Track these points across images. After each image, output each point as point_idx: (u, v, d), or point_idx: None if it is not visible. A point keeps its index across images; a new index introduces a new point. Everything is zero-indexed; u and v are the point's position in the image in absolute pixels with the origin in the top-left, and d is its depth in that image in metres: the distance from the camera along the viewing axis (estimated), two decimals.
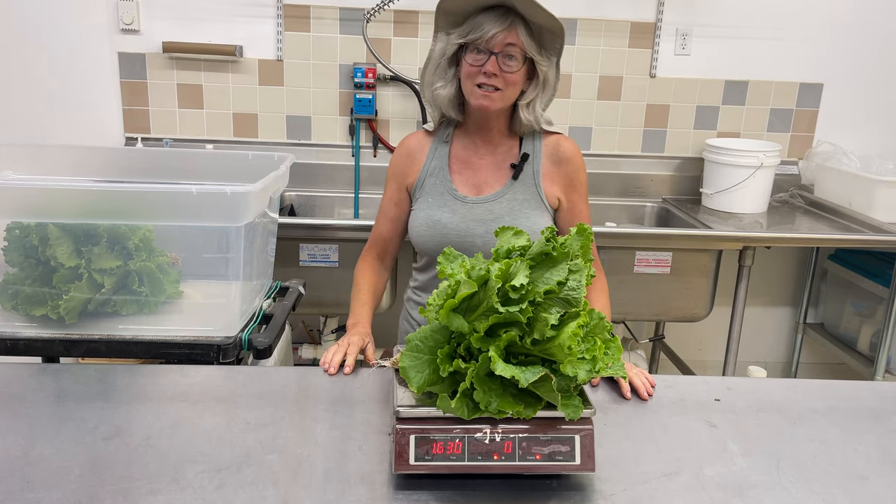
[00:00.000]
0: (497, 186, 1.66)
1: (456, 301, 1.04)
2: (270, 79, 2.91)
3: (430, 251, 1.67)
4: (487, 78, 1.52)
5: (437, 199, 1.66)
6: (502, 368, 0.97)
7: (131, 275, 1.51)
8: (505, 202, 1.64)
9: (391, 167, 1.74)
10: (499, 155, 1.68)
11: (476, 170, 1.68)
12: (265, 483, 1.03)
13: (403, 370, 1.05)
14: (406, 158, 1.72)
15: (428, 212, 1.66)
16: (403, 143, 1.75)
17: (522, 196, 1.64)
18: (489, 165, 1.67)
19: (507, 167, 1.67)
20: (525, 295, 1.01)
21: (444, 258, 1.13)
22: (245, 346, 1.50)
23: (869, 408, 1.31)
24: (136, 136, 2.92)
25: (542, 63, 1.56)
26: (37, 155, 1.89)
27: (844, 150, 2.89)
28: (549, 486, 1.04)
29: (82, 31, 2.79)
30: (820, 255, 3.18)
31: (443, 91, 1.62)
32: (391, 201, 1.73)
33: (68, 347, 1.47)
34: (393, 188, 1.73)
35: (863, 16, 3.00)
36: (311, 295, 1.93)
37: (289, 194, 2.92)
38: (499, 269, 1.03)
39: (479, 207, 1.64)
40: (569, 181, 1.67)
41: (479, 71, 1.52)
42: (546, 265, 1.05)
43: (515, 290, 1.01)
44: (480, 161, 1.68)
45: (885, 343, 2.74)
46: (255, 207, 1.51)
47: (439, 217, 1.64)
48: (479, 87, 1.54)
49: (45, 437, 1.12)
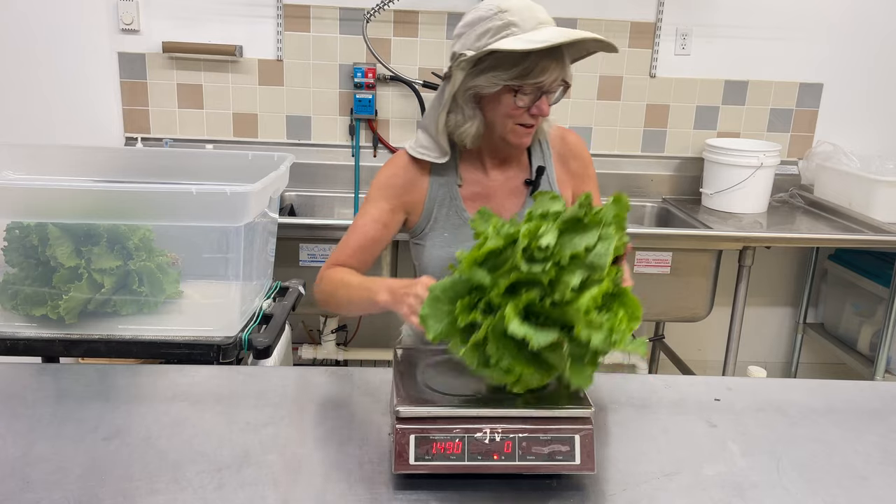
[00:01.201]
0: (515, 208, 1.53)
1: (480, 255, 1.02)
2: (270, 79, 2.91)
3: None
4: (535, 119, 1.41)
5: (455, 234, 1.51)
6: (516, 327, 0.95)
7: (131, 275, 1.51)
8: None
9: (385, 184, 1.51)
10: (510, 173, 1.55)
11: (489, 195, 1.54)
12: (265, 483, 1.03)
13: (423, 318, 1.04)
14: (406, 178, 1.51)
15: (447, 249, 1.51)
16: (401, 163, 1.53)
17: None
18: (501, 188, 1.54)
19: (521, 184, 1.54)
20: (550, 256, 0.98)
21: (480, 217, 1.10)
22: (245, 346, 1.50)
23: (869, 408, 1.31)
24: (136, 136, 2.92)
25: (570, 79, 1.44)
26: (37, 155, 1.90)
27: (844, 150, 2.89)
28: (549, 486, 1.04)
29: (82, 31, 2.79)
30: (820, 255, 3.18)
31: (469, 129, 1.44)
32: (375, 221, 1.50)
33: (68, 347, 1.47)
34: (384, 208, 1.50)
35: (863, 16, 3.00)
36: (311, 295, 1.93)
37: (289, 194, 2.92)
38: (527, 229, 1.01)
39: None
40: (579, 178, 1.59)
41: (525, 112, 1.40)
42: (577, 230, 1.01)
43: (541, 250, 0.98)
44: (492, 184, 1.54)
45: (885, 343, 2.74)
46: (255, 207, 1.51)
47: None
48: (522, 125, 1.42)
49: (45, 437, 1.12)
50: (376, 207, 1.51)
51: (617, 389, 1.33)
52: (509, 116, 1.41)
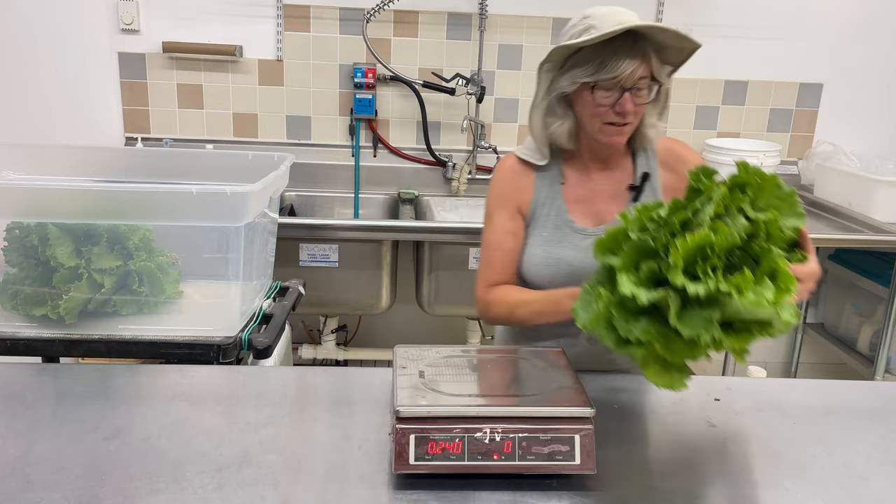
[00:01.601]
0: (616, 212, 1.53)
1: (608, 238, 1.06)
2: (270, 79, 2.91)
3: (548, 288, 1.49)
4: (622, 117, 1.41)
5: (554, 234, 1.51)
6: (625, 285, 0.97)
7: (131, 275, 1.51)
8: None
9: (497, 194, 1.55)
10: (615, 177, 1.54)
11: (592, 198, 1.53)
12: (265, 483, 1.03)
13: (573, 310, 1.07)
14: (514, 183, 1.54)
15: (546, 248, 1.51)
16: (505, 169, 1.57)
17: None
18: (606, 191, 1.53)
19: (625, 189, 1.52)
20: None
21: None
22: (245, 346, 1.50)
23: (869, 408, 1.31)
24: (136, 136, 2.92)
25: (668, 83, 1.46)
26: (37, 155, 1.89)
27: (844, 150, 2.89)
28: (549, 485, 1.04)
29: (82, 31, 2.79)
30: (820, 255, 3.17)
31: (561, 129, 1.48)
32: (505, 232, 1.53)
33: (68, 347, 1.47)
34: (503, 218, 1.53)
35: (863, 16, 3.00)
36: (311, 295, 1.93)
37: (289, 194, 2.92)
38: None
39: None
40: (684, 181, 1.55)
41: (611, 110, 1.40)
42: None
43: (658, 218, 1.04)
44: (595, 187, 1.54)
45: (885, 343, 2.74)
46: (255, 207, 1.51)
47: (561, 254, 1.49)
48: (610, 123, 1.42)
49: (45, 437, 1.12)
50: (500, 219, 1.54)
51: (617, 389, 1.33)
52: (595, 115, 1.43)
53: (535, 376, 1.15)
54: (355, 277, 2.54)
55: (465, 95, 2.88)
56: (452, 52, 2.91)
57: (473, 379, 1.17)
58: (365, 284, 2.55)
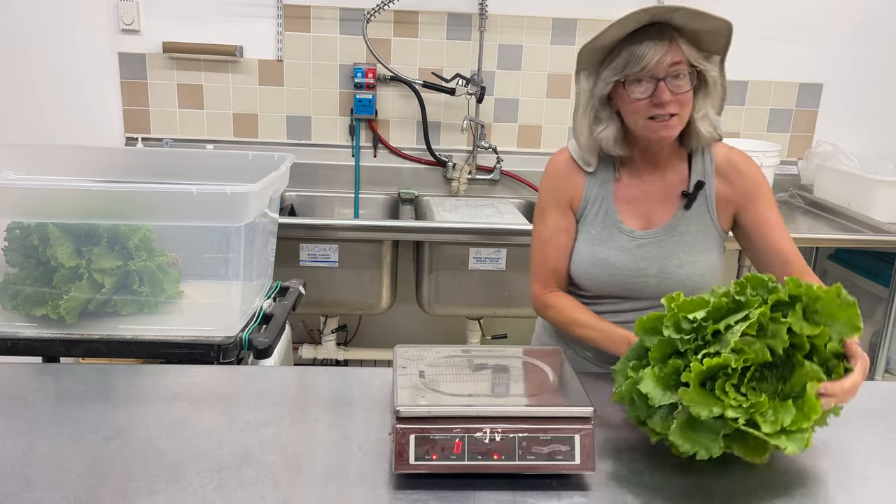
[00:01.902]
0: (667, 217, 1.48)
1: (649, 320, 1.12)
2: (270, 79, 2.91)
3: (596, 289, 1.51)
4: (662, 108, 1.36)
5: (602, 233, 1.50)
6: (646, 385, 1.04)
7: (131, 275, 1.51)
8: (678, 235, 1.47)
9: (547, 191, 1.55)
10: (668, 180, 1.50)
11: (643, 199, 1.50)
12: (265, 483, 1.03)
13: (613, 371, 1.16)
14: (566, 179, 1.53)
15: (592, 247, 1.50)
16: (557, 164, 1.55)
17: (696, 227, 1.47)
18: (658, 193, 1.50)
19: (677, 194, 1.49)
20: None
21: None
22: (245, 346, 1.50)
23: (869, 408, 1.31)
24: (136, 137, 2.92)
25: (710, 69, 1.41)
26: (37, 155, 1.89)
27: (844, 150, 2.89)
28: (549, 485, 1.04)
29: (82, 32, 2.79)
30: (819, 255, 3.18)
31: (606, 133, 1.45)
32: (558, 229, 1.52)
33: (68, 347, 1.47)
34: (556, 215, 1.53)
35: (863, 16, 3.00)
36: (311, 295, 1.93)
37: (289, 194, 2.92)
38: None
39: (649, 243, 1.47)
40: (746, 194, 1.48)
41: (650, 103, 1.36)
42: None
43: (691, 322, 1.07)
44: (648, 188, 1.51)
45: (885, 343, 2.74)
46: (256, 207, 1.51)
47: (606, 255, 1.48)
48: (653, 118, 1.38)
49: (45, 437, 1.12)
50: (552, 216, 1.54)
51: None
52: (636, 112, 1.39)
53: (535, 376, 1.15)
54: (355, 277, 2.54)
55: (465, 95, 2.88)
56: (452, 52, 2.91)
57: (473, 379, 1.17)
58: (365, 284, 2.55)
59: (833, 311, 1.05)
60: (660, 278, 1.46)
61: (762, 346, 1.02)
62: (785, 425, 0.98)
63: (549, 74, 2.96)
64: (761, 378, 1.04)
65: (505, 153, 2.99)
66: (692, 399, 0.99)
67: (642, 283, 1.47)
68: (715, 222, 1.49)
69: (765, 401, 1.00)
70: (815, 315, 1.06)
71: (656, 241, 1.48)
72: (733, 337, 1.01)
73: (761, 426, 0.98)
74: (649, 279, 1.47)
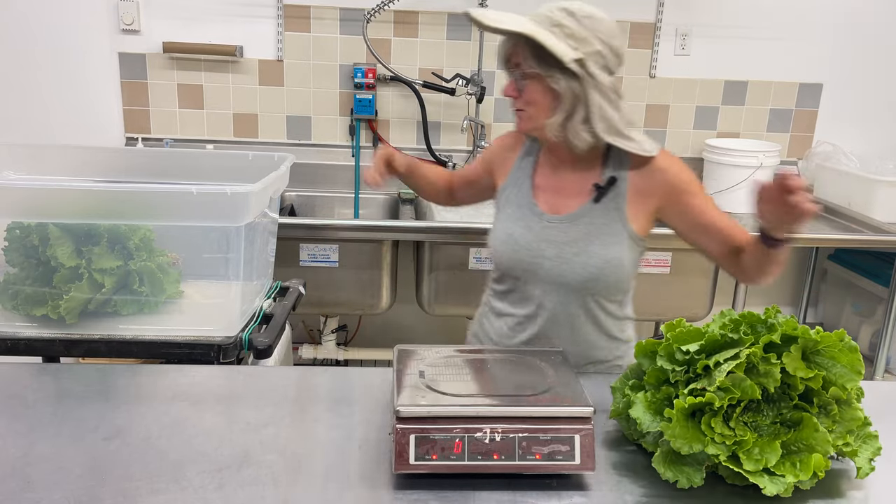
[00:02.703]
0: (575, 207, 1.51)
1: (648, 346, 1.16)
2: (270, 79, 2.91)
3: (502, 266, 1.57)
4: (513, 101, 1.47)
5: (516, 212, 1.56)
6: (636, 410, 1.08)
7: (132, 274, 1.52)
8: (581, 225, 1.49)
9: (489, 151, 1.70)
10: (582, 172, 1.52)
11: (558, 188, 1.54)
12: (265, 483, 1.03)
13: (613, 388, 1.20)
14: (504, 152, 1.64)
15: (505, 224, 1.57)
16: (506, 136, 1.68)
17: (602, 220, 1.48)
18: (572, 184, 1.53)
19: (590, 187, 1.50)
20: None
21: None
22: (245, 346, 1.50)
23: (869, 408, 1.30)
24: (136, 137, 2.92)
25: (551, 78, 1.40)
26: (37, 155, 1.90)
27: (844, 150, 2.89)
28: (548, 485, 1.04)
29: (82, 32, 2.79)
30: (819, 255, 3.18)
31: None
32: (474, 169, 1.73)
33: (68, 347, 1.47)
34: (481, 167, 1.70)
35: (863, 16, 3.00)
36: (311, 295, 1.93)
37: (289, 194, 2.92)
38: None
39: (553, 227, 1.51)
40: (669, 189, 1.48)
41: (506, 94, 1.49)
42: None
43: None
44: (563, 178, 1.54)
45: (885, 343, 2.74)
46: (256, 207, 1.52)
47: (512, 231, 1.54)
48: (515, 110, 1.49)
49: (45, 437, 1.12)
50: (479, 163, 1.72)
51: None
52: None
53: (535, 376, 1.15)
54: (355, 277, 2.54)
55: (465, 95, 2.88)
56: (452, 52, 2.91)
57: (473, 379, 1.17)
58: (365, 284, 2.55)
59: (834, 355, 1.07)
60: (555, 262, 1.49)
61: (752, 385, 1.03)
62: (769, 465, 0.99)
63: None
64: (757, 410, 1.06)
65: None
66: (675, 434, 1.01)
67: (538, 264, 1.51)
68: (624, 219, 1.48)
69: (749, 439, 1.01)
70: (817, 357, 1.08)
71: (561, 227, 1.51)
72: (720, 375, 1.02)
73: (743, 463, 1.00)
74: (545, 261, 1.50)
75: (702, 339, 1.09)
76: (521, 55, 1.42)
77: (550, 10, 1.40)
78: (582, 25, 1.38)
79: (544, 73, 1.40)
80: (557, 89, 1.40)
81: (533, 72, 1.41)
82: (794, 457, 1.02)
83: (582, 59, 1.37)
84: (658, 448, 1.06)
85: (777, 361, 1.04)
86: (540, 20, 1.39)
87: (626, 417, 1.14)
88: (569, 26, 1.38)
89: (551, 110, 1.43)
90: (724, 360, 1.04)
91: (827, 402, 1.07)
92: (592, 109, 1.40)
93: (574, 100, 1.41)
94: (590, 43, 1.38)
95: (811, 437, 1.02)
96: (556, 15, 1.39)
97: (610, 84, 1.42)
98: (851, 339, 1.08)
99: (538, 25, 1.38)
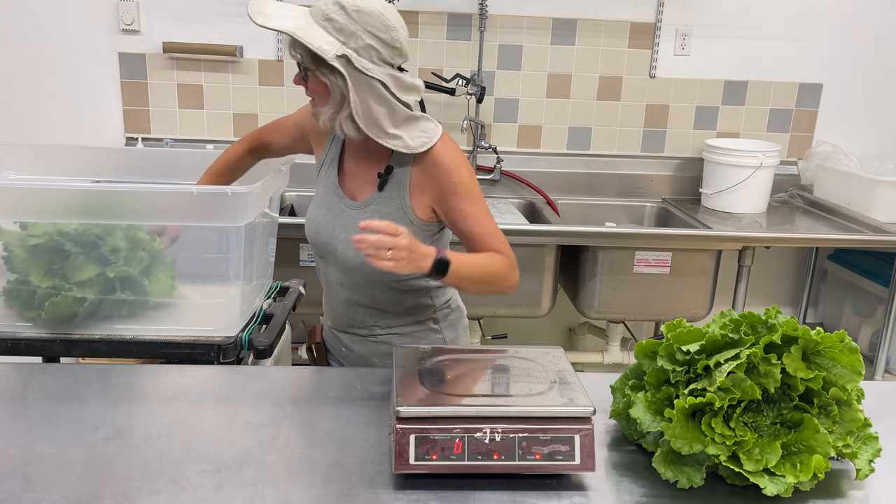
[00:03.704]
0: (367, 194, 1.55)
1: (647, 346, 1.16)
2: (270, 79, 2.91)
3: (313, 247, 1.64)
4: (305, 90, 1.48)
5: (323, 192, 1.61)
6: (636, 410, 1.08)
7: (112, 282, 1.49)
8: (370, 212, 1.52)
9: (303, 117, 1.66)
10: (373, 161, 1.54)
11: (356, 174, 1.58)
12: (265, 483, 1.03)
13: (613, 389, 1.20)
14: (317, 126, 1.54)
15: (314, 205, 1.62)
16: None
17: (387, 209, 1.51)
18: (368, 170, 1.55)
19: (374, 177, 1.54)
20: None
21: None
22: (245, 346, 1.50)
23: (869, 408, 1.30)
24: (136, 137, 2.92)
25: (321, 73, 1.41)
26: (37, 155, 1.90)
27: (844, 150, 2.89)
28: (548, 485, 1.04)
29: (83, 32, 2.79)
30: (819, 255, 3.18)
31: None
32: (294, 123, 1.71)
33: (68, 347, 1.47)
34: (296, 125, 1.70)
35: (863, 16, 3.00)
36: (311, 295, 1.93)
37: (289, 194, 2.92)
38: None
39: (348, 213, 1.55)
40: (439, 186, 1.50)
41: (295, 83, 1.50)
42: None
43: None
44: (359, 165, 1.58)
45: (885, 343, 2.74)
46: (256, 207, 1.52)
47: (317, 213, 1.60)
48: None
49: (45, 437, 1.12)
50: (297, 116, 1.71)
51: None
52: None
53: (535, 376, 1.15)
54: None
55: (465, 95, 2.88)
56: (452, 53, 2.91)
57: (473, 379, 1.17)
58: None
59: (835, 356, 1.07)
60: (346, 245, 1.52)
61: (752, 385, 1.03)
62: (770, 466, 1.00)
63: (549, 74, 2.96)
64: (757, 410, 1.06)
65: (505, 153, 2.99)
66: (675, 434, 1.01)
67: (333, 246, 1.55)
68: (407, 207, 1.52)
69: (750, 439, 1.01)
70: (817, 358, 1.08)
71: (353, 212, 1.54)
72: (720, 376, 1.02)
73: (744, 463, 1.00)
74: (338, 244, 1.54)
75: (702, 340, 1.09)
76: (297, 48, 1.42)
77: (325, 4, 1.39)
78: (351, 19, 1.38)
79: (313, 68, 1.42)
80: (328, 83, 1.42)
81: (305, 65, 1.43)
82: (794, 457, 1.02)
83: (346, 56, 1.37)
84: (658, 448, 1.06)
85: (777, 362, 1.04)
86: (315, 14, 1.40)
87: (626, 417, 1.14)
88: (338, 20, 1.37)
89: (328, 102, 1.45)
90: (725, 360, 1.04)
91: (827, 402, 1.07)
92: (354, 106, 1.41)
93: (340, 95, 1.42)
94: (359, 37, 1.39)
95: (811, 438, 1.02)
96: (328, 9, 1.38)
97: (390, 78, 1.44)
98: (852, 340, 1.08)
99: (310, 19, 1.39)
